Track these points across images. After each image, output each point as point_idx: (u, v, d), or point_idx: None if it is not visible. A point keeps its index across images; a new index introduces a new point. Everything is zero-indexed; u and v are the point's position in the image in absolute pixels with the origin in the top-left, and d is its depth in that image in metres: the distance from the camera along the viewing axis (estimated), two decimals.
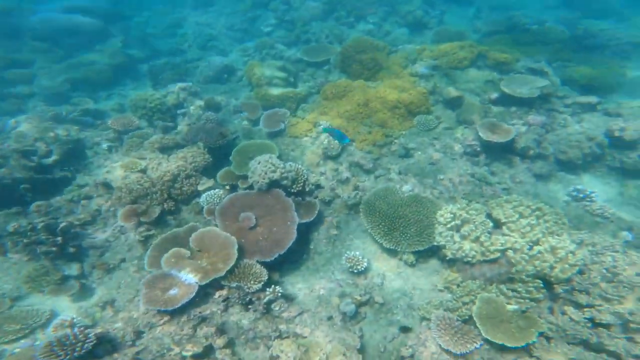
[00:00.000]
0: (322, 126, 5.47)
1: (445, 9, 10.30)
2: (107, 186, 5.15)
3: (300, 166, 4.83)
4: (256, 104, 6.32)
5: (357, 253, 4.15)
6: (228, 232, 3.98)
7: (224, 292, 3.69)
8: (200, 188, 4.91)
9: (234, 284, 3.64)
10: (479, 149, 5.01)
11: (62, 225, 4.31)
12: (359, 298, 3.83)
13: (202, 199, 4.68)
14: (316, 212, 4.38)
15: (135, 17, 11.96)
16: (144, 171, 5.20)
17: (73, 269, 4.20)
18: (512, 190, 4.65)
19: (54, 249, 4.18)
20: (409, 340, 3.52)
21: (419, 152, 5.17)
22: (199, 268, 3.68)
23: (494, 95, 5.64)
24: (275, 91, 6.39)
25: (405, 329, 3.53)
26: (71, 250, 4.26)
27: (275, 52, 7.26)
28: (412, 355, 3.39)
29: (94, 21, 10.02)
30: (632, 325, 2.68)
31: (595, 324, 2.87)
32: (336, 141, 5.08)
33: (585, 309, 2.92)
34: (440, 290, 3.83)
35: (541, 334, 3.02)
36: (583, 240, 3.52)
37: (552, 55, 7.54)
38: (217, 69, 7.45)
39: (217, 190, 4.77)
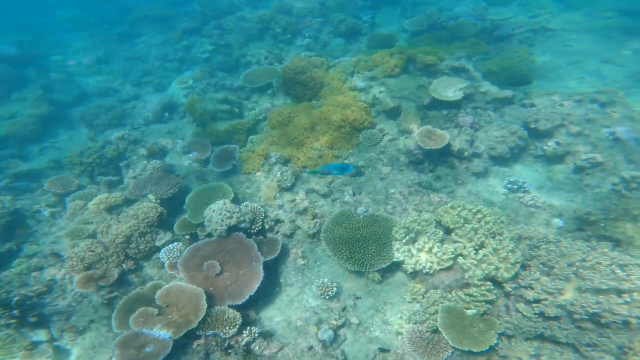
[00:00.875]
0: (306, 172, 5.21)
1: (376, 12, 10.43)
2: (57, 256, 4.75)
3: (256, 205, 4.72)
4: (205, 141, 6.00)
5: (326, 280, 4.19)
6: (194, 284, 3.90)
7: (202, 342, 3.64)
8: (159, 243, 4.63)
9: (210, 333, 3.60)
10: (422, 157, 5.18)
11: (15, 299, 4.15)
12: (335, 323, 3.87)
13: (162, 254, 4.44)
14: (279, 247, 4.36)
15: (52, 56, 10.75)
16: (93, 236, 4.76)
17: (41, 335, 4.07)
18: (457, 192, 4.88)
19: (12, 321, 4.05)
20: (390, 357, 3.60)
21: (370, 169, 5.24)
22: (171, 323, 3.60)
23: (427, 101, 5.84)
24: (222, 126, 6.11)
25: (383, 350, 3.60)
26: (32, 320, 4.12)
27: (216, 81, 6.88)
28: None
29: (4, 67, 8.87)
30: (575, 316, 2.92)
31: (545, 317, 3.09)
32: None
33: (534, 305, 3.15)
34: (410, 302, 3.94)
35: (502, 335, 3.21)
36: (521, 236, 3.78)
37: (471, 50, 7.88)
38: (156, 110, 6.94)
39: (175, 244, 4.54)
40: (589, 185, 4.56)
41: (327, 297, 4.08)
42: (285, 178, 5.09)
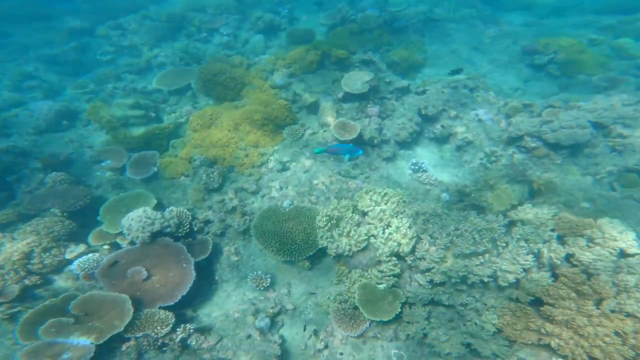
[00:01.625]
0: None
1: (293, 5, 9.68)
2: None
3: (182, 209, 4.34)
4: (119, 149, 5.13)
5: (259, 272, 4.12)
6: (118, 291, 3.55)
7: (132, 343, 3.35)
8: (69, 256, 4.05)
9: (139, 335, 3.33)
10: None
11: None
12: (271, 311, 3.86)
13: (74, 267, 3.90)
14: (210, 247, 4.15)
15: None
16: None
17: None
18: (372, 177, 4.99)
19: None
20: (321, 334, 3.66)
21: (294, 163, 5.07)
22: (92, 329, 3.22)
23: (341, 94, 5.74)
24: (137, 131, 5.22)
25: (315, 332, 3.64)
26: None
27: (124, 84, 5.75)
28: (326, 345, 3.57)
29: None
30: (452, 280, 3.24)
31: (435, 284, 3.38)
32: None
33: (426, 274, 3.41)
34: (337, 284, 4.05)
35: (405, 303, 3.44)
36: (418, 212, 4.03)
37: (377, 41, 7.81)
38: (48, 117, 5.61)
39: (90, 255, 4.00)
40: (466, 161, 5.05)
41: (262, 288, 4.03)
42: (212, 179, 4.64)
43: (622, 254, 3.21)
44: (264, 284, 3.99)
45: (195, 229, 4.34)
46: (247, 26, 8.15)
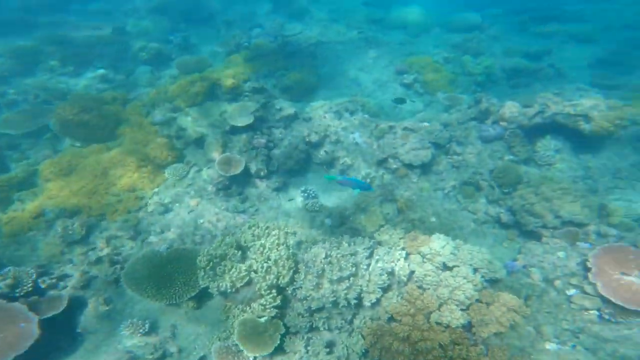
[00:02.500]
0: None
1: (188, 33, 9.33)
2: None
3: (21, 269, 3.93)
4: None
5: (135, 319, 3.92)
6: None
7: None
8: None
9: None
10: (227, 182, 5.15)
11: None
12: (151, 357, 3.67)
13: None
14: (65, 302, 3.86)
15: None
16: None
17: None
18: (261, 209, 5.09)
19: None
20: None
21: (177, 204, 4.89)
22: None
23: (228, 127, 5.76)
24: None
25: None
26: None
27: None
28: None
29: None
30: (326, 305, 3.48)
31: (312, 311, 3.57)
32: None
33: (304, 302, 3.60)
34: (225, 320, 4.01)
35: (287, 333, 3.56)
36: (300, 242, 4.29)
37: (273, 66, 7.97)
38: None
39: None
40: None
41: (141, 333, 3.82)
42: (70, 232, 4.20)
43: (445, 267, 3.73)
44: (141, 330, 3.81)
45: (44, 286, 3.99)
46: (129, 57, 7.55)
